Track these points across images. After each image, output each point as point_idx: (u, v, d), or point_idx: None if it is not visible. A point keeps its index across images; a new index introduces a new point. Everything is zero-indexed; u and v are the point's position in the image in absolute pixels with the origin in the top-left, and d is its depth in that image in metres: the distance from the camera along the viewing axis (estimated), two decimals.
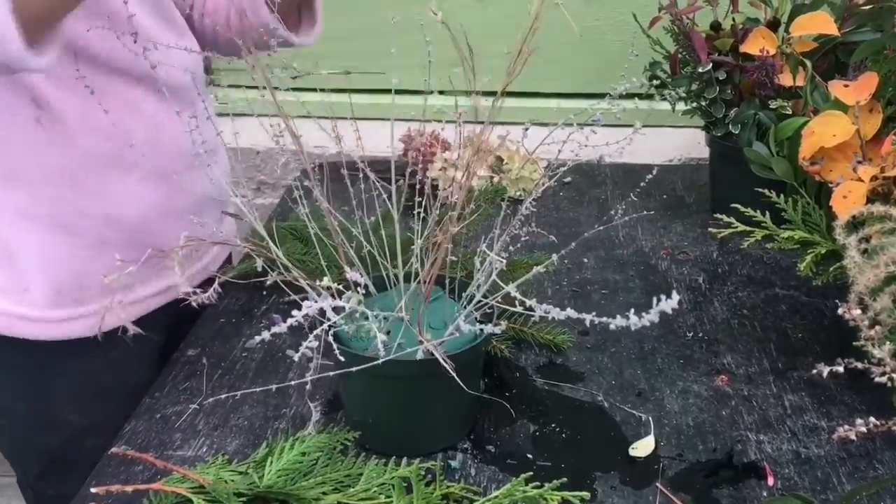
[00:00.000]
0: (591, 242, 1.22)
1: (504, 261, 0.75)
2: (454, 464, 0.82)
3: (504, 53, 0.73)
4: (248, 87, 0.85)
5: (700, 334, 1.03)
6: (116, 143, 0.91)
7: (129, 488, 0.71)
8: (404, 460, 0.81)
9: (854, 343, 0.62)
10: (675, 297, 0.58)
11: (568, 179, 1.45)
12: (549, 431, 0.86)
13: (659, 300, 0.58)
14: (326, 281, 0.71)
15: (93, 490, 0.71)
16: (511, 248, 0.81)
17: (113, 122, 0.88)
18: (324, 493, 0.73)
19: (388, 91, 0.82)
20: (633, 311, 0.62)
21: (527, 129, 0.73)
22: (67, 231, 0.93)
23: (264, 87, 0.80)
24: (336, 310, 0.69)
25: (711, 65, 1.22)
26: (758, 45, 1.16)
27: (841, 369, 0.63)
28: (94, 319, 0.91)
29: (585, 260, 1.21)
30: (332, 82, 0.83)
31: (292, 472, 0.75)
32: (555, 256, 0.82)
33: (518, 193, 1.34)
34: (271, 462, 0.75)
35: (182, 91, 0.97)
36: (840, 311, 0.63)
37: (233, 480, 0.73)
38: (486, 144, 0.77)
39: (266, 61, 0.79)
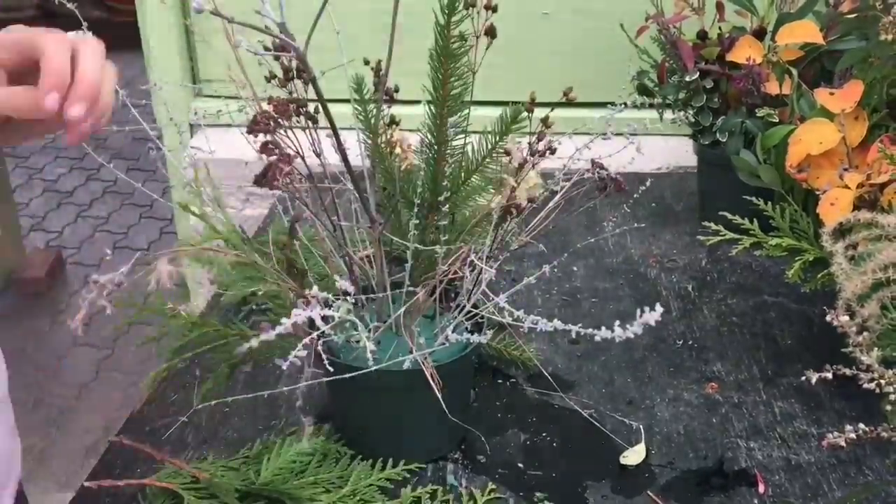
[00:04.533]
0: (580, 251, 1.22)
1: (494, 270, 0.75)
2: (452, 479, 0.81)
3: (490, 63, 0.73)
4: (235, 97, 0.85)
5: (690, 342, 1.03)
6: None
7: (122, 483, 0.71)
8: (389, 462, 0.81)
9: (843, 349, 0.62)
10: (659, 308, 0.58)
11: (557, 188, 1.46)
12: (539, 440, 0.86)
13: (643, 311, 0.58)
14: (315, 290, 0.71)
15: (85, 484, 0.71)
16: (500, 256, 0.81)
17: None
18: (315, 494, 0.73)
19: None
20: (617, 322, 0.61)
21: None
22: None
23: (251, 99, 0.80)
24: (325, 319, 0.68)
25: (698, 73, 1.22)
26: (744, 53, 1.16)
27: (830, 376, 0.63)
28: None
29: (575, 268, 1.21)
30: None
31: (287, 472, 0.75)
32: (546, 267, 0.82)
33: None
34: (269, 459, 0.76)
35: None
36: (828, 317, 0.63)
37: (225, 476, 0.73)
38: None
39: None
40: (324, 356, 0.71)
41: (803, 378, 0.64)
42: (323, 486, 0.75)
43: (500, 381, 0.95)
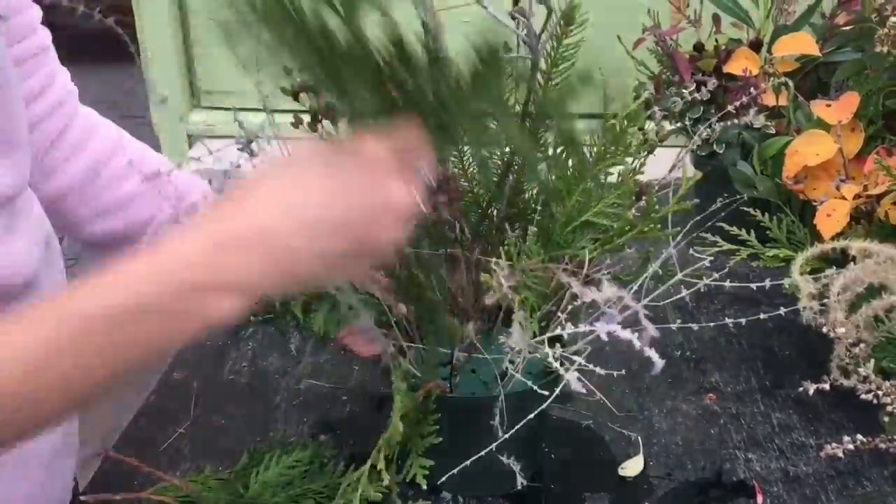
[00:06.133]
0: None
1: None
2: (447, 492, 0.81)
3: None
4: (233, 109, 0.85)
5: (687, 353, 1.03)
6: None
7: (118, 497, 0.71)
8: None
9: (839, 360, 0.62)
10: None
11: None
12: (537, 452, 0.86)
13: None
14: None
15: (82, 499, 0.71)
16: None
17: None
18: None
19: None
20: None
21: None
22: None
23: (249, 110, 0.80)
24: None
25: (695, 85, 1.23)
26: (741, 65, 1.17)
27: (827, 387, 0.63)
28: None
29: None
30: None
31: (274, 484, 0.75)
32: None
33: None
34: (258, 473, 0.76)
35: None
36: (824, 328, 0.63)
37: (211, 488, 0.73)
38: None
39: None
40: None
41: (801, 389, 0.65)
42: (313, 498, 0.75)
43: None
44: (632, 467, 0.83)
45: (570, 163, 0.71)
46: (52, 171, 0.83)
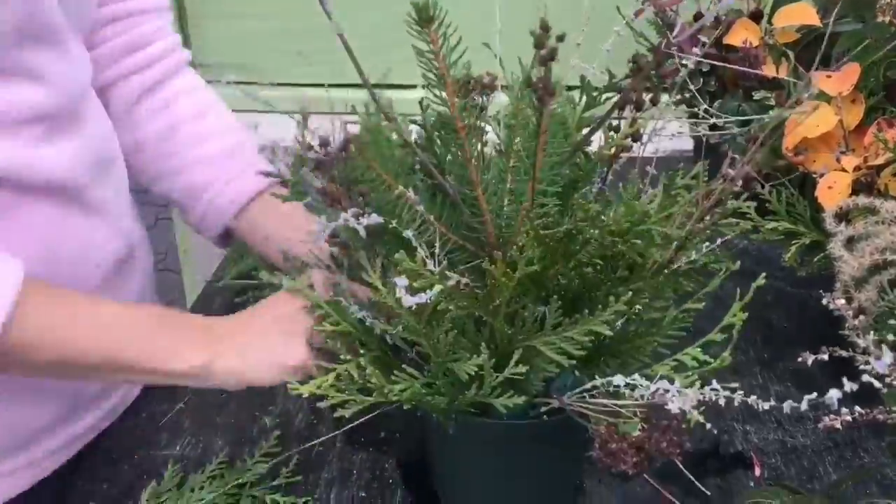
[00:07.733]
0: None
1: None
2: None
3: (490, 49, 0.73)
4: (236, 83, 0.84)
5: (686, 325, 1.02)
6: None
7: None
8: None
9: (839, 332, 0.62)
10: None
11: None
12: None
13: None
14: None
15: None
16: None
17: None
18: None
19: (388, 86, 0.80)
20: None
21: None
22: None
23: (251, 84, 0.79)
24: None
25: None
26: (741, 36, 1.16)
27: (826, 357, 0.63)
28: None
29: None
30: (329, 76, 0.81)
31: None
32: None
33: None
34: None
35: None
36: (825, 300, 0.63)
37: None
38: None
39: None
40: None
41: (799, 360, 0.65)
42: None
43: None
44: None
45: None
46: (136, 124, 0.89)
